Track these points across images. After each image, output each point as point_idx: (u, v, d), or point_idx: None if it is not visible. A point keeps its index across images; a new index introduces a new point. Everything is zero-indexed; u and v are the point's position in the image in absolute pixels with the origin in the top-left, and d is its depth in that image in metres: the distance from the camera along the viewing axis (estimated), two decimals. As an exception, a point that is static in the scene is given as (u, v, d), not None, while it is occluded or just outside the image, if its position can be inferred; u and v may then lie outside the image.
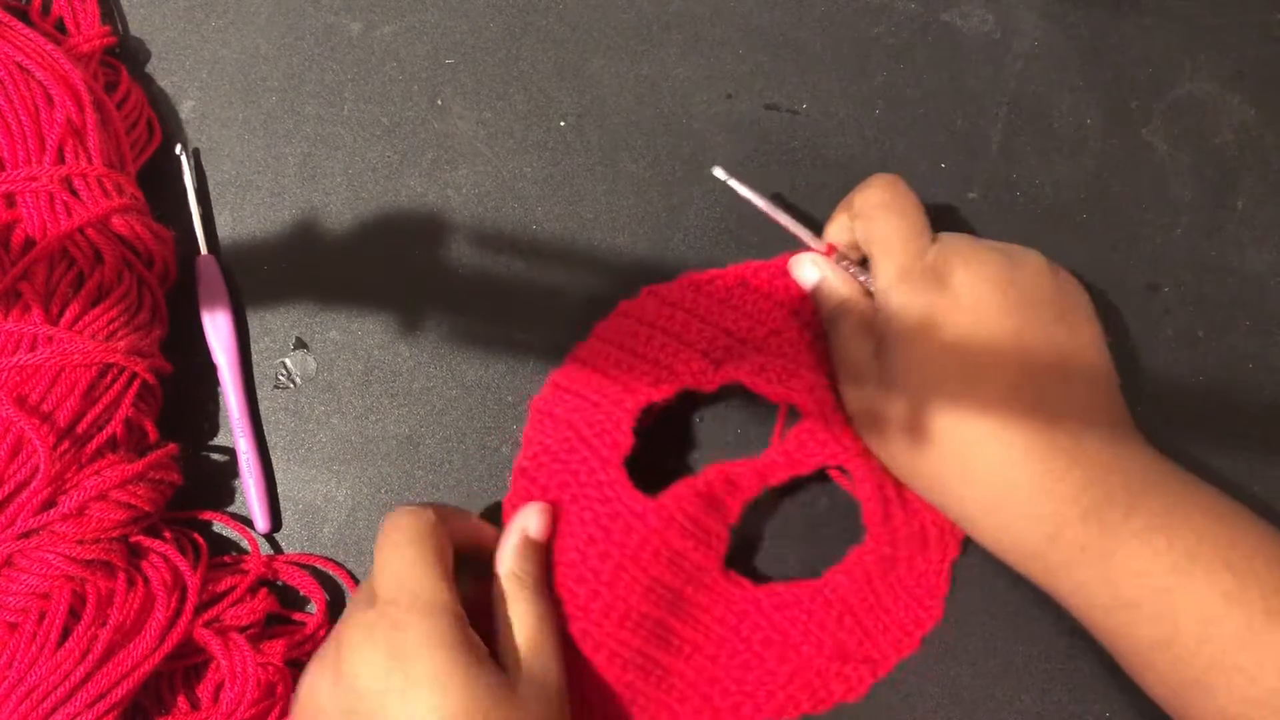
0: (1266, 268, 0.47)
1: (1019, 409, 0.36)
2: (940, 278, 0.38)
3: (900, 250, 0.39)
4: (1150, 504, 0.35)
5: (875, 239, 0.40)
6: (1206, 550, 0.34)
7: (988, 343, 0.37)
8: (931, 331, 0.37)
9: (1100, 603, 0.36)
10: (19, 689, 0.36)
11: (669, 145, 0.48)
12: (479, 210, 0.47)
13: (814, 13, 0.49)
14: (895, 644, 0.42)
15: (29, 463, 0.38)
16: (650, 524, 0.39)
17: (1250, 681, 0.33)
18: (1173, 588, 0.34)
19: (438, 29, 0.49)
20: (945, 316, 0.37)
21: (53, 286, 0.40)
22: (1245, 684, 0.33)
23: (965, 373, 0.36)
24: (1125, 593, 0.35)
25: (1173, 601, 0.34)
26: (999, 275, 0.38)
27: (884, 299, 0.39)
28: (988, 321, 0.37)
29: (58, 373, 0.38)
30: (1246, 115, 0.49)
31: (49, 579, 0.37)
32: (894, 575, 0.42)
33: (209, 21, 0.49)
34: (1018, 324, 0.37)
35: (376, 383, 0.45)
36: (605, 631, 0.39)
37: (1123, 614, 0.35)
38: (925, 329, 0.37)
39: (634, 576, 0.39)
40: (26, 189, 0.41)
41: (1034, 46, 0.49)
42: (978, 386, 0.36)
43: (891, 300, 0.38)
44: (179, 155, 0.46)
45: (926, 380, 0.37)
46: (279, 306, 0.46)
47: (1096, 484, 0.35)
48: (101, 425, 0.39)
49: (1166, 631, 0.34)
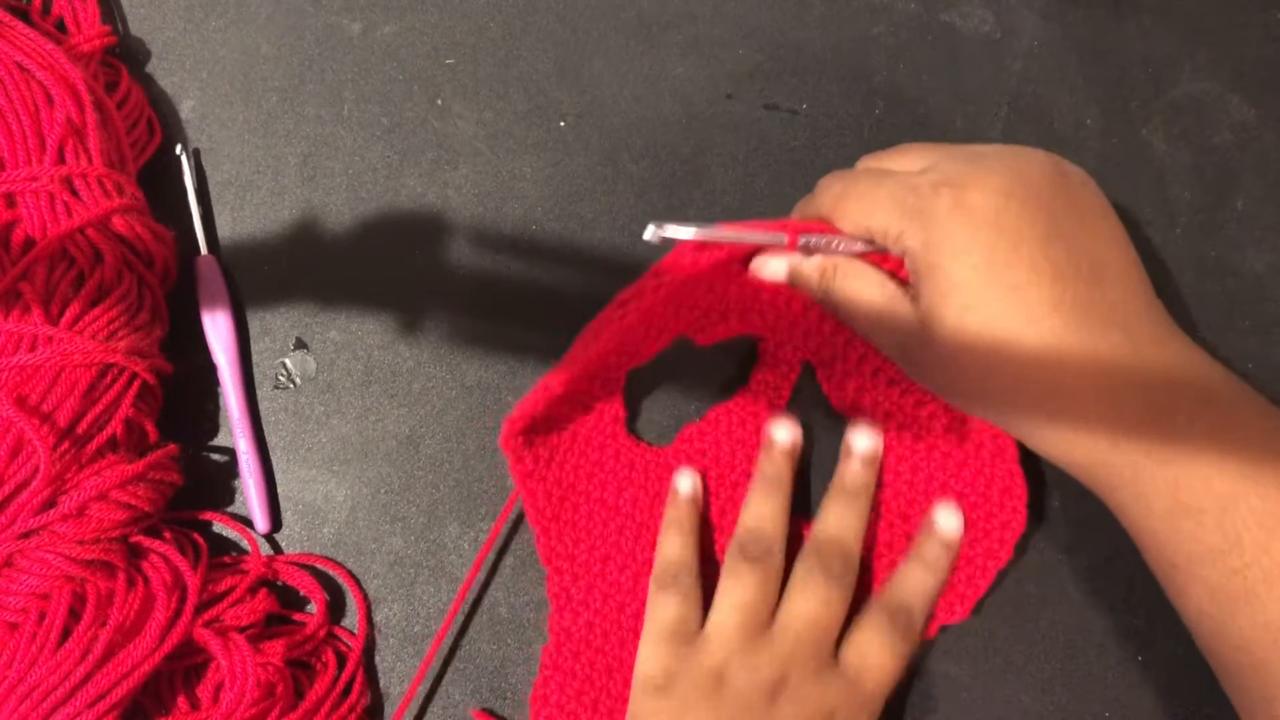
0: (1266, 268, 0.47)
1: (1067, 317, 0.35)
2: (951, 204, 0.36)
3: (888, 200, 0.37)
4: (1213, 409, 0.35)
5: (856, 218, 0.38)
6: (1271, 457, 0.34)
7: (1021, 255, 0.35)
8: (960, 259, 0.35)
9: (1160, 509, 0.35)
10: (19, 689, 0.36)
11: (669, 145, 0.48)
12: (479, 210, 0.47)
13: (814, 13, 0.49)
14: (986, 553, 0.42)
15: (29, 463, 0.38)
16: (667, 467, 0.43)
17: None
18: (1237, 494, 0.34)
19: (438, 29, 0.49)
20: (969, 241, 0.35)
21: (53, 286, 0.40)
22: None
23: (1004, 288, 0.35)
24: (1187, 499, 0.34)
25: (1236, 508, 0.33)
26: (1012, 186, 0.36)
27: (900, 243, 0.37)
28: (1014, 235, 0.35)
29: (58, 373, 0.38)
30: (1246, 115, 0.49)
31: (49, 579, 0.37)
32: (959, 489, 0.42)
33: (209, 21, 0.49)
34: (1044, 233, 0.36)
35: (376, 383, 0.45)
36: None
37: (1183, 521, 0.35)
38: (954, 254, 0.35)
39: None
40: (27, 189, 0.41)
41: (1034, 46, 0.49)
42: (1020, 300, 0.35)
43: (907, 242, 0.37)
44: (179, 155, 0.46)
45: (968, 304, 0.35)
46: (279, 306, 0.46)
47: (1157, 388, 0.35)
48: (101, 425, 0.39)
49: (1227, 539, 0.34)
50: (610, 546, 0.43)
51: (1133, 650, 0.43)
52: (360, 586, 0.44)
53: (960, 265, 0.35)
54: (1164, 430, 0.35)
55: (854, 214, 0.38)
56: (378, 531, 0.44)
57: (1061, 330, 0.35)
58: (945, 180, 0.36)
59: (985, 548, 0.42)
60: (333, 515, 0.44)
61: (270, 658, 0.40)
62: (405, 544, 0.44)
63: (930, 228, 0.36)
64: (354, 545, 0.44)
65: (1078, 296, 0.35)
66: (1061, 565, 0.44)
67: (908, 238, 0.36)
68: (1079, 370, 0.35)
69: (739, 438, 0.44)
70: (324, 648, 0.42)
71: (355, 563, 0.44)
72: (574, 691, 0.41)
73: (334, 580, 0.44)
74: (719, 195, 0.47)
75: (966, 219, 0.35)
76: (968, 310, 0.35)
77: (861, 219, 0.38)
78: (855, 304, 0.39)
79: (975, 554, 0.42)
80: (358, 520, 0.44)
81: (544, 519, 0.42)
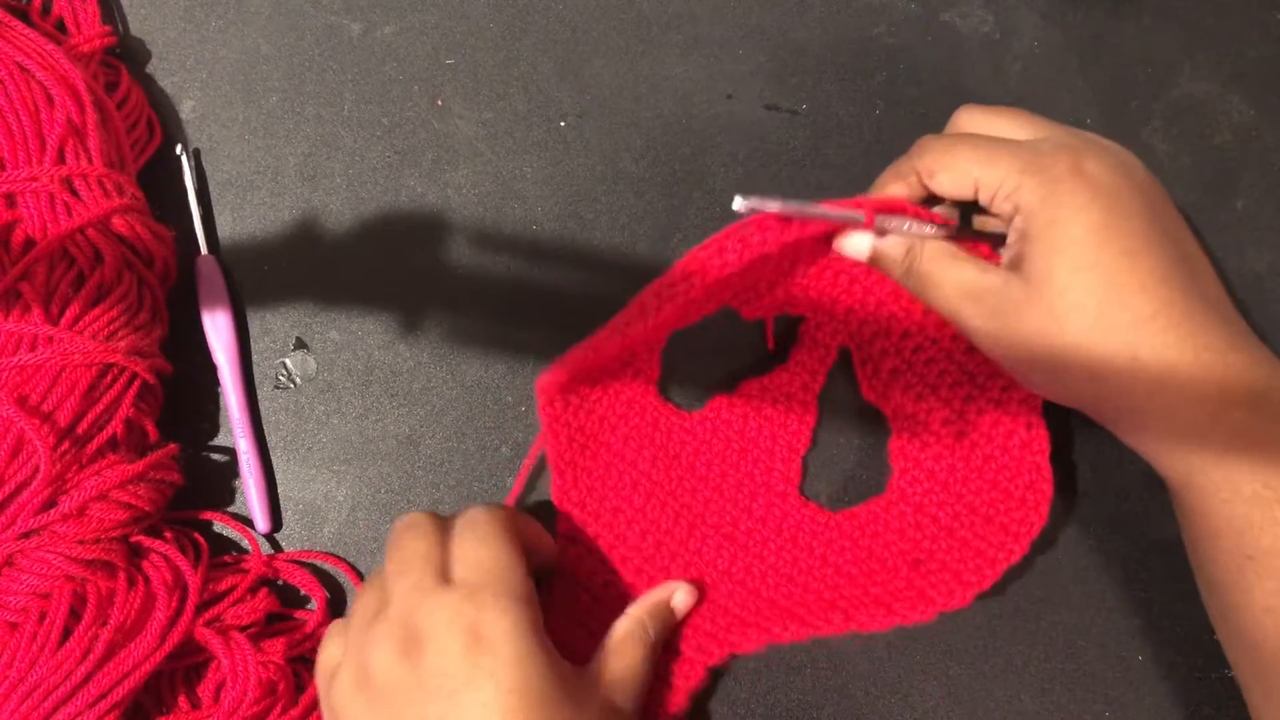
0: (1266, 268, 0.47)
1: (1174, 291, 0.35)
2: (1071, 167, 0.36)
3: (1008, 154, 0.37)
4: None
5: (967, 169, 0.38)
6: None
7: (1134, 226, 0.36)
8: (1079, 215, 0.35)
9: (1247, 493, 0.35)
10: (20, 689, 0.36)
11: (669, 145, 0.48)
12: (479, 210, 0.47)
13: (814, 13, 0.49)
14: (1000, 546, 0.42)
15: (29, 463, 0.38)
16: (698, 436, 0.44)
17: None
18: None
19: (438, 29, 0.49)
20: (1089, 201, 0.35)
21: (53, 286, 0.40)
22: None
23: (1118, 252, 0.35)
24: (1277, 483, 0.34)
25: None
26: (1122, 163, 0.37)
27: (1014, 198, 0.37)
28: (1127, 207, 0.36)
29: (58, 373, 0.38)
30: (1246, 115, 0.49)
31: (50, 579, 0.37)
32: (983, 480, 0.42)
33: (209, 21, 0.49)
34: (1150, 215, 0.36)
35: (376, 383, 0.45)
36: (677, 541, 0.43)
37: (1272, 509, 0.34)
38: (1075, 210, 0.36)
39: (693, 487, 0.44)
40: (27, 189, 0.41)
41: (1034, 46, 0.49)
42: (1133, 266, 0.35)
43: (1024, 196, 0.36)
44: (179, 155, 0.46)
45: (1081, 262, 0.35)
46: (279, 306, 0.46)
47: (1259, 365, 0.35)
48: (102, 425, 0.39)
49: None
50: (622, 499, 0.43)
51: (1133, 650, 0.43)
52: (361, 578, 0.44)
53: (1079, 223, 0.35)
54: (1263, 411, 0.34)
55: (966, 165, 0.37)
56: (378, 531, 0.44)
57: (1170, 301, 0.35)
58: (1063, 147, 0.37)
59: (1000, 540, 0.42)
60: (333, 515, 0.44)
61: (271, 656, 0.40)
62: (405, 544, 0.44)
63: (1051, 184, 0.36)
64: (354, 545, 0.44)
65: (1182, 276, 0.35)
66: (1061, 565, 0.44)
67: (1026, 192, 0.36)
68: (1180, 346, 0.35)
69: (767, 415, 0.44)
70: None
71: (355, 562, 0.44)
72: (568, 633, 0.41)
73: (334, 578, 0.44)
74: (719, 195, 0.47)
75: (1086, 182, 0.36)
76: (1080, 270, 0.35)
77: (975, 170, 0.37)
78: (944, 278, 0.38)
79: (988, 545, 0.42)
80: (358, 520, 0.44)
81: (563, 462, 0.42)
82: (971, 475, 0.43)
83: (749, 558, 0.43)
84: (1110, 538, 0.44)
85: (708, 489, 0.44)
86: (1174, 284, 0.35)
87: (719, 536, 0.43)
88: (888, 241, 0.40)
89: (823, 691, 0.43)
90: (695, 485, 0.44)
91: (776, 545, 0.44)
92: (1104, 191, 0.36)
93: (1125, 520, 0.45)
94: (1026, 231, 0.36)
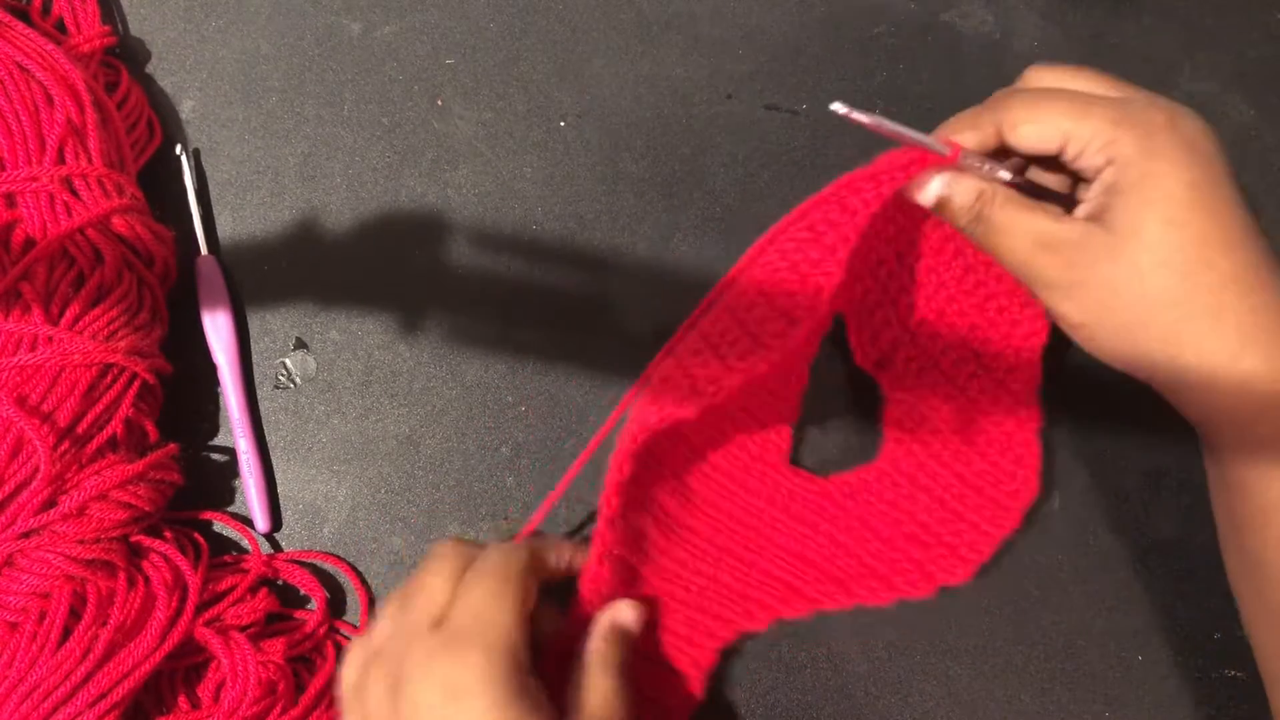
0: (1266, 268, 0.47)
1: (1254, 252, 0.35)
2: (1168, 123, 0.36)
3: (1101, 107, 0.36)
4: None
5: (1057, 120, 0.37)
6: None
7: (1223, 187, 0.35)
8: (1177, 170, 0.35)
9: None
10: (20, 688, 0.36)
11: (669, 145, 0.48)
12: (479, 210, 0.47)
13: (814, 13, 0.49)
14: (993, 519, 0.42)
15: (29, 463, 0.38)
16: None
17: None
18: None
19: (438, 29, 0.49)
20: (1187, 157, 0.35)
21: (53, 286, 0.40)
22: None
23: (1209, 211, 0.35)
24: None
25: None
26: (1207, 126, 0.37)
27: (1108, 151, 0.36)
28: (1218, 167, 0.35)
29: (58, 373, 0.38)
30: (1246, 115, 0.49)
31: (49, 579, 0.37)
32: (974, 450, 0.42)
33: (209, 21, 0.49)
34: (1231, 175, 0.36)
35: (376, 383, 0.45)
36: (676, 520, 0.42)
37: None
38: (1173, 163, 0.35)
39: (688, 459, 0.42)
40: (27, 189, 0.41)
41: (1034, 46, 0.49)
42: (1221, 226, 0.35)
43: (1121, 149, 0.36)
44: (179, 155, 0.46)
45: (1174, 218, 0.35)
46: (279, 306, 0.46)
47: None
48: (102, 425, 0.39)
49: None
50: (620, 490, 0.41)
51: (1133, 650, 0.43)
52: (361, 578, 0.44)
53: (1175, 178, 0.35)
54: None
55: (1056, 119, 0.37)
56: (378, 531, 0.44)
57: (1252, 265, 0.35)
58: (1156, 107, 0.36)
59: (993, 512, 0.41)
60: (333, 515, 0.44)
61: (271, 656, 0.40)
62: (405, 544, 0.44)
63: (1148, 138, 0.35)
64: (354, 545, 0.44)
65: (1258, 242, 0.35)
66: (1062, 565, 0.44)
67: (1123, 144, 0.35)
68: (1265, 310, 0.34)
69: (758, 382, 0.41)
70: (325, 642, 0.42)
71: (355, 562, 0.44)
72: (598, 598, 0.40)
73: (334, 578, 0.44)
74: (719, 195, 0.47)
75: (1181, 140, 0.35)
76: (1173, 225, 0.35)
77: (1065, 123, 0.36)
78: (1016, 226, 0.37)
79: (982, 518, 0.41)
80: (358, 520, 0.44)
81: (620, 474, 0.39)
82: (962, 446, 0.43)
83: (746, 532, 0.43)
84: (1110, 538, 0.44)
85: (700, 460, 0.43)
86: (1256, 246, 0.35)
87: (717, 512, 0.43)
88: (960, 185, 0.38)
89: (823, 691, 0.43)
90: (688, 457, 0.43)
91: (771, 517, 0.43)
92: (1199, 150, 0.35)
93: (1125, 520, 0.45)
94: (1117, 184, 0.36)
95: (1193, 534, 0.44)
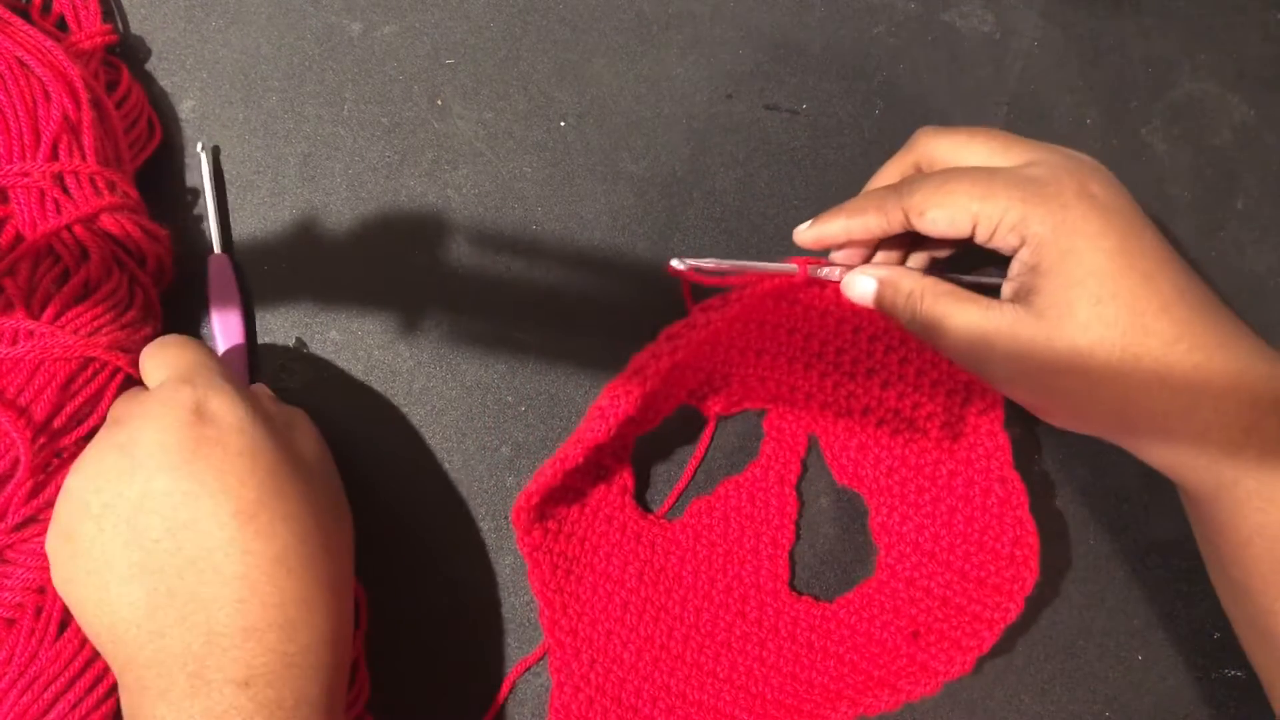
0: (1266, 268, 0.47)
1: (1191, 307, 0.34)
2: (1077, 192, 0.35)
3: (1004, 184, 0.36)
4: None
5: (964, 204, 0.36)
6: None
7: (1147, 245, 0.35)
8: (1096, 243, 0.34)
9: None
10: (20, 682, 0.36)
11: (669, 145, 0.48)
12: (479, 210, 0.47)
13: (814, 13, 0.50)
14: (996, 607, 0.41)
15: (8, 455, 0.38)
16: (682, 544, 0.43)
17: None
18: None
19: (438, 29, 0.49)
20: (1103, 226, 0.35)
21: (35, 283, 0.40)
22: None
23: (1139, 276, 0.34)
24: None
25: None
26: (1112, 178, 0.36)
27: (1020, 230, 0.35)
28: (1139, 225, 0.35)
29: (36, 367, 0.38)
30: (1246, 115, 0.49)
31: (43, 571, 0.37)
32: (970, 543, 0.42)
33: (209, 21, 0.49)
34: (1147, 223, 0.36)
35: (376, 383, 0.45)
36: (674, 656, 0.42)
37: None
38: (1090, 238, 0.35)
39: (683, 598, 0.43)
40: (18, 184, 0.40)
41: (1034, 46, 0.49)
42: (1154, 289, 0.34)
43: (1033, 227, 0.35)
44: (199, 152, 0.46)
45: (1103, 293, 0.34)
46: (279, 306, 0.46)
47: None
48: (82, 419, 0.39)
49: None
50: (614, 621, 0.43)
51: (1133, 650, 0.43)
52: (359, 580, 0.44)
53: (1096, 251, 0.34)
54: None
55: (964, 200, 0.36)
56: (378, 531, 0.44)
57: (1190, 320, 0.34)
58: (1063, 170, 0.36)
59: (994, 600, 0.41)
60: (333, 515, 0.44)
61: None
62: (406, 543, 0.44)
63: (1061, 212, 0.35)
64: (354, 545, 0.44)
65: (1193, 289, 0.35)
66: (1062, 566, 0.44)
67: (1034, 223, 0.35)
68: (1209, 365, 0.34)
69: (748, 513, 0.44)
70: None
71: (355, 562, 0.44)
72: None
73: (334, 580, 0.44)
74: (719, 195, 0.47)
75: (1094, 206, 0.35)
76: (1102, 302, 0.34)
77: (973, 204, 0.36)
78: (950, 323, 0.37)
79: (983, 608, 0.41)
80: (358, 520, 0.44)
81: (549, 591, 0.42)
82: (957, 542, 0.42)
83: (749, 661, 0.43)
84: (1110, 538, 0.45)
85: (698, 597, 0.44)
86: (1190, 300, 0.35)
87: (715, 644, 0.43)
88: (888, 287, 0.38)
89: (823, 692, 0.43)
90: (685, 595, 0.44)
91: (775, 644, 0.43)
92: (1114, 213, 0.35)
93: (1125, 520, 0.45)
94: (1039, 265, 0.35)
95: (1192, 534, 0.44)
